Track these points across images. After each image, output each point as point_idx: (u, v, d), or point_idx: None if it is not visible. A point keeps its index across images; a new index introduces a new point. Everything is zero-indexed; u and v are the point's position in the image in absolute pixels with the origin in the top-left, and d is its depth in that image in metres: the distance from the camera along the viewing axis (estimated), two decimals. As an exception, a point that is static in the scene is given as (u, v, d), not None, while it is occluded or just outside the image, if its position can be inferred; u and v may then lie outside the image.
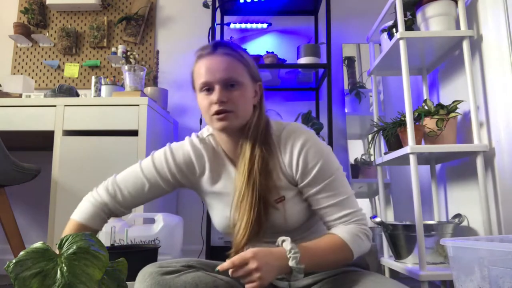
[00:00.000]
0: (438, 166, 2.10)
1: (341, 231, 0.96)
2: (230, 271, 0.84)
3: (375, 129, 2.00)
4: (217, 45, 0.99)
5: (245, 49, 1.07)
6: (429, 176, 2.12)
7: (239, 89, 0.97)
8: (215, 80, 0.95)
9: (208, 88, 0.97)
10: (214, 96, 0.95)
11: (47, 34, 2.84)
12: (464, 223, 1.81)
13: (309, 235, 1.06)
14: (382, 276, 0.98)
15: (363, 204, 2.50)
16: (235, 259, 0.83)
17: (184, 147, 1.09)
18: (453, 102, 1.70)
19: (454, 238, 0.98)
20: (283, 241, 0.89)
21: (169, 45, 2.80)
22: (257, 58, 2.44)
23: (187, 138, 1.12)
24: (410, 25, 1.88)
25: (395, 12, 1.83)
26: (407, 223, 1.84)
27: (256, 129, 0.99)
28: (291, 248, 0.87)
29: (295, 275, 0.86)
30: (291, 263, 0.85)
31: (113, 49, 2.75)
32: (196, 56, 1.01)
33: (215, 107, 0.95)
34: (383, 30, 2.08)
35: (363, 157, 2.52)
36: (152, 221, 1.71)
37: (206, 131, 1.11)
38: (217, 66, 0.96)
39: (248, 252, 0.83)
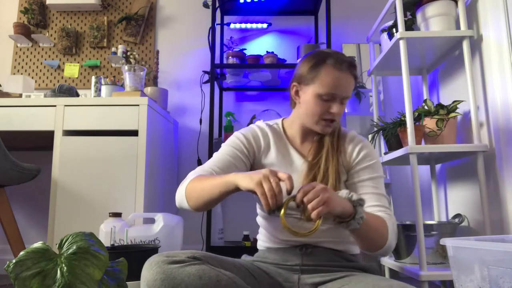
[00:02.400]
0: (438, 166, 2.10)
1: (384, 217, 1.06)
2: (299, 196, 0.89)
3: (375, 129, 2.00)
4: (350, 65, 1.11)
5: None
6: (429, 176, 2.12)
7: (345, 103, 1.14)
8: (339, 96, 1.10)
9: (328, 98, 1.10)
10: (334, 109, 1.10)
11: (47, 34, 2.84)
12: (464, 223, 1.81)
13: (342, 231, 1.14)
14: (388, 278, 1.01)
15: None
16: (305, 187, 0.89)
17: (251, 127, 1.24)
18: (453, 102, 1.70)
19: (454, 238, 0.98)
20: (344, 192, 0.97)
21: (169, 45, 2.80)
22: (257, 58, 2.44)
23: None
24: (410, 25, 1.88)
25: (395, 12, 1.83)
26: (407, 223, 1.84)
27: (338, 129, 1.18)
28: (348, 192, 0.96)
29: (357, 219, 0.92)
30: (354, 197, 0.93)
31: (113, 49, 2.75)
32: (328, 62, 1.10)
33: (330, 116, 1.11)
34: (383, 30, 2.08)
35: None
36: (152, 221, 1.71)
37: (272, 122, 1.27)
38: (345, 84, 1.10)
39: (314, 183, 0.92)
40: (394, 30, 1.96)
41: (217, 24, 2.58)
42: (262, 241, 1.20)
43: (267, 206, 0.87)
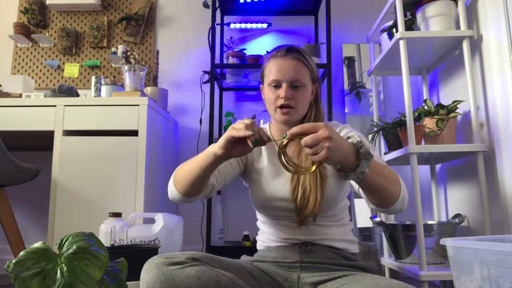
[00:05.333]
0: (438, 166, 2.10)
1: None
2: (296, 131, 0.83)
3: (375, 129, 2.00)
4: (289, 50, 1.15)
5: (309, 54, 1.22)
6: (429, 176, 2.12)
7: (301, 89, 1.13)
8: (284, 79, 1.12)
9: (276, 84, 1.14)
10: (282, 92, 1.12)
11: (47, 34, 2.84)
12: (464, 223, 1.81)
13: (338, 225, 1.16)
14: (387, 278, 1.02)
15: (363, 203, 2.50)
16: (306, 124, 0.84)
17: None
18: (453, 102, 1.70)
19: (454, 238, 0.98)
20: (348, 137, 0.90)
21: (169, 45, 2.80)
22: (257, 58, 2.44)
23: None
24: (410, 25, 1.88)
25: (395, 12, 1.83)
26: (407, 223, 1.84)
27: (316, 121, 1.13)
28: (360, 140, 0.87)
29: (357, 173, 0.85)
30: (362, 149, 0.85)
31: (113, 49, 2.75)
32: (270, 56, 1.18)
33: (281, 101, 1.12)
34: (383, 30, 2.08)
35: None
36: (152, 221, 1.71)
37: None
38: (287, 68, 1.12)
39: (320, 123, 0.84)
40: (394, 30, 1.96)
41: (217, 24, 2.58)
42: (262, 241, 1.21)
43: (246, 138, 0.87)
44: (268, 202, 1.14)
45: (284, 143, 0.86)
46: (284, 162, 0.88)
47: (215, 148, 0.94)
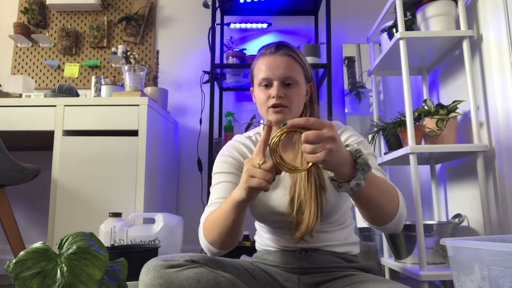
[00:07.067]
0: (438, 166, 2.10)
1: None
2: (300, 122, 0.77)
3: (375, 129, 2.00)
4: (279, 46, 1.08)
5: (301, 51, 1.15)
6: (429, 176, 2.12)
7: (295, 87, 1.06)
8: (275, 77, 1.05)
9: (267, 83, 1.07)
10: (273, 91, 1.05)
11: (47, 34, 2.84)
12: (464, 223, 1.81)
13: (340, 228, 1.12)
14: (389, 280, 1.00)
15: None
16: (311, 118, 0.77)
17: (228, 143, 1.19)
18: (453, 102, 1.70)
19: (454, 238, 0.98)
20: (347, 145, 0.84)
21: (169, 45, 2.80)
22: (257, 58, 2.44)
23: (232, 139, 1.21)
24: (410, 25, 1.88)
25: (395, 12, 1.83)
26: (407, 223, 1.84)
27: None
28: (359, 149, 0.82)
29: (359, 177, 0.79)
30: (360, 159, 0.80)
31: (113, 49, 2.75)
32: (259, 54, 1.11)
33: (273, 101, 1.05)
34: (383, 30, 2.08)
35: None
36: (152, 221, 1.71)
37: (251, 133, 1.22)
38: (277, 65, 1.05)
39: (327, 121, 0.78)
40: (394, 30, 1.96)
41: (217, 24, 2.58)
42: (260, 243, 1.20)
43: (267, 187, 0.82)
44: (266, 216, 1.10)
45: (281, 132, 0.79)
46: (277, 158, 0.81)
47: (237, 197, 0.88)
